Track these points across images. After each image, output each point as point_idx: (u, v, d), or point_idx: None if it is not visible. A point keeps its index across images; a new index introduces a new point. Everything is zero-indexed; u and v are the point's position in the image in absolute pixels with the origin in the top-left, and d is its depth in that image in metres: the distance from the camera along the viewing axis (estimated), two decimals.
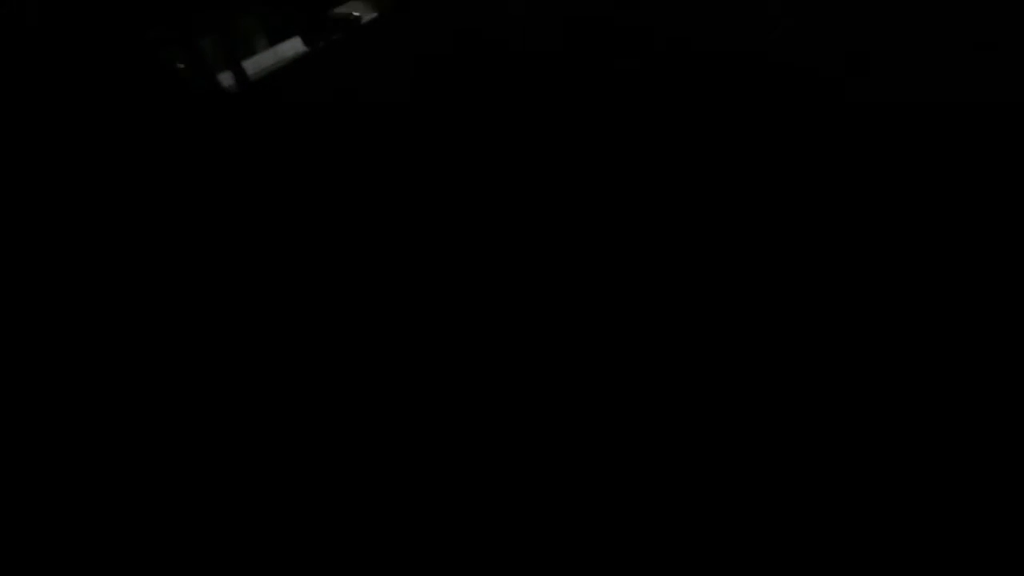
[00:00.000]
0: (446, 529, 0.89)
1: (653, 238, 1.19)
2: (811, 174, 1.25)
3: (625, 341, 1.05)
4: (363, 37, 2.63)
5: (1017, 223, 1.05)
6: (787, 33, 1.42)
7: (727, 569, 0.79)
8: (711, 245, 1.15)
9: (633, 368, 1.02)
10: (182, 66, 2.98)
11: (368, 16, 2.59)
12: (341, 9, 2.77)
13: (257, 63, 2.74)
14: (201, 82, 2.96)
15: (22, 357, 1.27)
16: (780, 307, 1.04)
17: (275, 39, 2.70)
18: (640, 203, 1.28)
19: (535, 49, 2.08)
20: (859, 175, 1.22)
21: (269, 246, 1.43)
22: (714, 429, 0.92)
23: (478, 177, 1.53)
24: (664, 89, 1.50)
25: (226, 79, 2.89)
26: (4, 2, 1.60)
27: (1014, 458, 0.79)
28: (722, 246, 1.16)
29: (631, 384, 1.00)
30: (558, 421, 0.97)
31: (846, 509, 0.81)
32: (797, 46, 1.56)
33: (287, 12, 2.43)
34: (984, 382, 0.88)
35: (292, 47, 2.72)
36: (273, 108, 2.70)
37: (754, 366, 0.98)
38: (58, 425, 1.11)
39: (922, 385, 0.90)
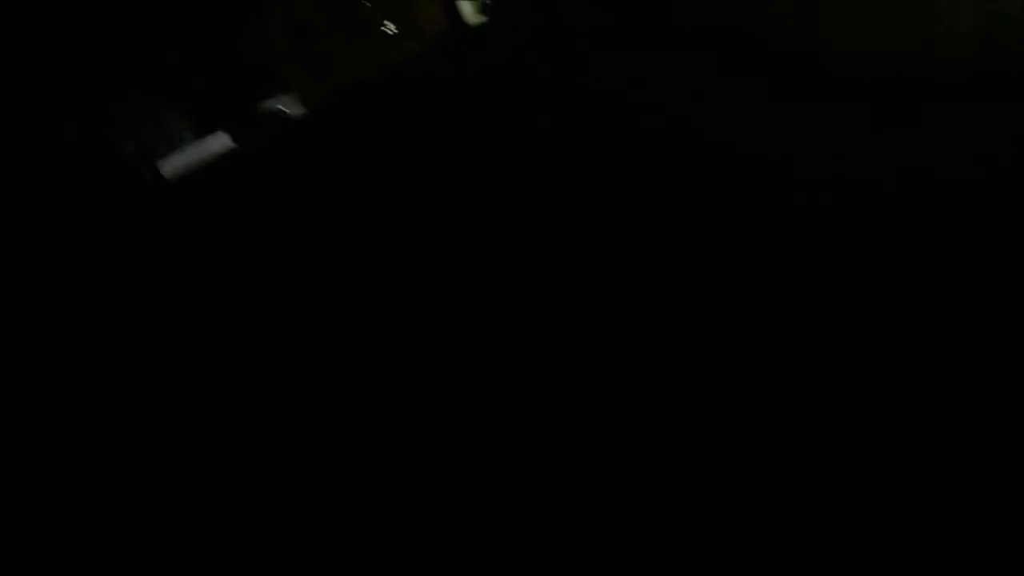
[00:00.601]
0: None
1: None
2: None
3: None
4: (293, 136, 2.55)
5: None
6: None
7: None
8: None
9: None
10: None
11: (296, 111, 2.68)
12: (268, 103, 2.86)
13: (180, 159, 2.71)
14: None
15: None
16: None
17: (199, 134, 2.73)
18: None
19: None
20: None
21: None
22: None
23: None
24: None
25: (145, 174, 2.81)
26: None
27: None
28: None
29: None
30: None
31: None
32: None
33: (211, 107, 2.51)
34: None
35: (219, 142, 2.72)
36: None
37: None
38: None
39: None
